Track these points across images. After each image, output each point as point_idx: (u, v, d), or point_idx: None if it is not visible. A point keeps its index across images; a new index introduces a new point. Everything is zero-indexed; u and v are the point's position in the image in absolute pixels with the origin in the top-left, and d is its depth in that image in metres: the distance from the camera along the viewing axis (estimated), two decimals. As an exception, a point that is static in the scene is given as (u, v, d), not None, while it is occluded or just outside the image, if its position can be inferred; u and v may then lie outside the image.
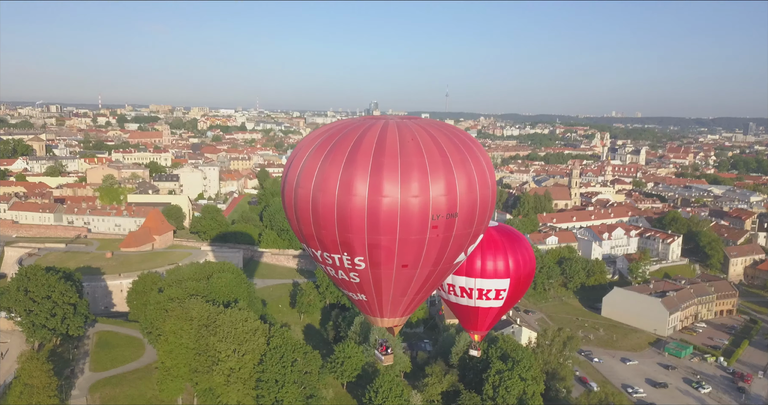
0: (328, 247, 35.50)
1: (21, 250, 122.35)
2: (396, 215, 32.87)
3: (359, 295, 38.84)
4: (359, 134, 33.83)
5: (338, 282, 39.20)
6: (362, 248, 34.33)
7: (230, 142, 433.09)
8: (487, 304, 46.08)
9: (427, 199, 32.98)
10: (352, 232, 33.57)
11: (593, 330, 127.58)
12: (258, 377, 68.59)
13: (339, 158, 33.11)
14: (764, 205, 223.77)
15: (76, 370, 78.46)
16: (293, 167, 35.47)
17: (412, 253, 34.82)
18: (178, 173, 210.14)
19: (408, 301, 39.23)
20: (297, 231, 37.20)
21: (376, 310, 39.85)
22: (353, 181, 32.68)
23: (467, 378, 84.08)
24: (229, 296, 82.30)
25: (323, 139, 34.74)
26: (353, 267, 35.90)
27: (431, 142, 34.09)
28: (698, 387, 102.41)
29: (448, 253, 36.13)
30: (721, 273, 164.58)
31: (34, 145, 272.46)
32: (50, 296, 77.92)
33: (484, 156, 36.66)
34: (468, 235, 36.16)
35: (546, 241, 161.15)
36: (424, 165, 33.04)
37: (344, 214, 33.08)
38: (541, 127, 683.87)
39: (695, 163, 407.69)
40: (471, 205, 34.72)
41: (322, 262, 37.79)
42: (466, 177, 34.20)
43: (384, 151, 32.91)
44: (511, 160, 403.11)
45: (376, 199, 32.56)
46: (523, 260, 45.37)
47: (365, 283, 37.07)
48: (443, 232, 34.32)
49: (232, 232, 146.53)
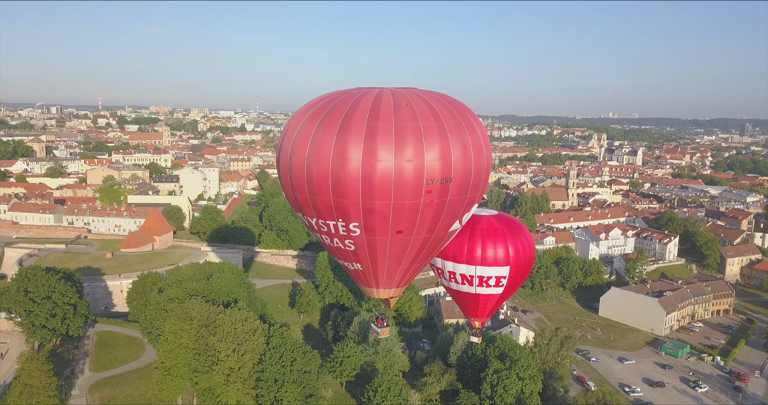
0: (323, 213, 35.13)
1: (21, 251, 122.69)
2: (390, 179, 32.63)
3: (355, 265, 38.49)
4: (353, 101, 33.73)
5: (334, 251, 38.72)
6: (357, 213, 34.04)
7: (230, 143, 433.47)
8: (488, 291, 46.67)
9: (422, 163, 32.74)
10: (347, 197, 33.30)
11: (590, 330, 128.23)
12: (257, 377, 69.00)
13: (333, 124, 32.97)
14: (760, 206, 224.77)
15: (76, 370, 78.80)
16: (287, 136, 35.30)
17: (407, 219, 34.45)
18: (178, 174, 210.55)
19: (403, 270, 38.87)
20: (292, 199, 36.87)
21: (371, 281, 39.57)
22: (347, 145, 32.45)
23: (465, 377, 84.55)
24: (229, 296, 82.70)
25: (317, 108, 34.59)
26: (348, 234, 35.54)
27: (426, 108, 33.92)
28: (695, 386, 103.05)
29: (443, 219, 35.75)
30: (717, 273, 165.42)
31: (35, 147, 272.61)
32: (50, 297, 78.25)
33: (479, 125, 36.33)
34: (462, 201, 35.82)
35: (543, 241, 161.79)
36: (419, 130, 32.81)
37: (339, 179, 32.85)
38: (539, 129, 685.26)
39: (692, 164, 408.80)
40: (465, 171, 34.45)
41: (317, 230, 37.37)
42: (460, 143, 33.95)
43: (378, 116, 32.74)
44: (508, 161, 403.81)
45: (371, 164, 32.37)
46: (522, 248, 46.02)
47: (360, 250, 36.66)
48: (437, 197, 34.06)
49: (231, 232, 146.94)
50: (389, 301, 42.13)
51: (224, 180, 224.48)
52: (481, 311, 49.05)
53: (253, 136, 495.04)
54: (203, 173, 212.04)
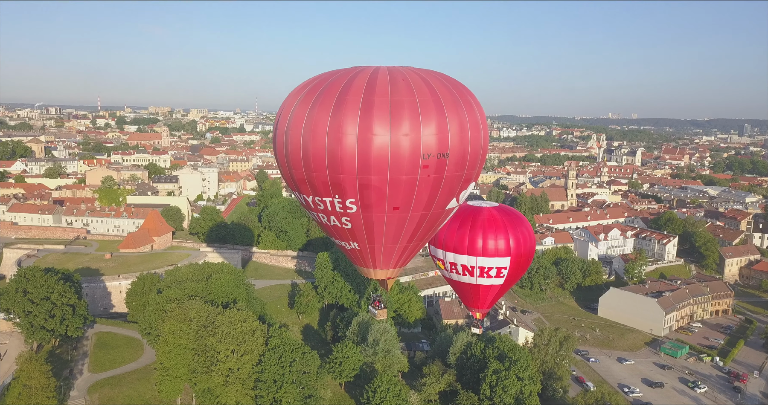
0: (319, 190, 34.81)
1: (20, 252, 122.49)
2: (386, 154, 32.33)
3: (352, 244, 38.19)
4: (349, 78, 33.62)
5: (330, 230, 38.40)
6: (353, 189, 33.72)
7: (229, 143, 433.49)
8: (489, 282, 46.85)
9: (418, 137, 32.48)
10: (343, 172, 33.04)
11: (590, 330, 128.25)
12: (256, 377, 68.96)
13: (329, 99, 32.83)
14: (759, 206, 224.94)
15: (75, 371, 78.65)
16: (283, 114, 35.07)
17: (403, 194, 34.13)
18: (177, 175, 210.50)
19: (400, 250, 38.59)
20: (288, 177, 36.59)
21: (368, 260, 39.28)
22: (343, 120, 32.19)
23: (465, 378, 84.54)
24: (228, 297, 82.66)
25: (313, 85, 34.51)
26: (345, 211, 35.25)
27: (423, 84, 33.73)
28: (694, 387, 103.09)
29: (440, 196, 35.42)
30: (716, 273, 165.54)
31: (33, 147, 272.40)
32: (49, 297, 78.10)
33: (477, 103, 36.15)
34: (459, 178, 35.52)
35: (543, 241, 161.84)
36: (415, 104, 32.56)
37: (335, 154, 32.60)
38: (538, 129, 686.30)
39: (691, 165, 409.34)
40: (462, 146, 34.18)
41: (313, 208, 37.05)
42: (457, 118, 33.69)
43: (374, 91, 32.57)
44: (507, 162, 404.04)
45: (367, 138, 32.13)
46: (523, 239, 46.27)
47: (357, 228, 36.34)
48: (434, 173, 33.76)
49: (230, 233, 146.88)
50: (386, 282, 41.78)
51: (223, 180, 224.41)
52: (482, 302, 49.25)
53: (252, 137, 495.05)
54: (202, 174, 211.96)
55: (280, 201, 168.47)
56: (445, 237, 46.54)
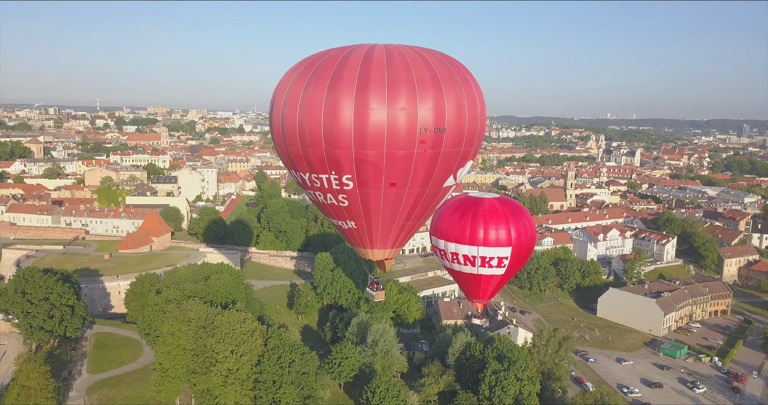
0: (315, 166, 34.50)
1: (19, 252, 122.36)
2: (383, 128, 32.02)
3: (349, 223, 37.84)
4: (346, 53, 33.51)
5: (327, 209, 38.02)
6: (350, 165, 33.46)
7: (228, 144, 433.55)
8: (490, 272, 47.13)
9: (415, 111, 32.18)
10: (340, 148, 32.73)
11: (589, 330, 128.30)
12: (256, 378, 68.92)
13: (325, 74, 32.65)
14: (758, 206, 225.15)
15: (74, 372, 78.58)
16: (279, 92, 34.91)
17: (400, 170, 33.82)
18: (176, 175, 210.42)
19: (398, 229, 38.30)
20: (285, 155, 36.30)
21: (366, 240, 38.98)
22: (339, 94, 31.98)
23: (464, 378, 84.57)
24: (227, 297, 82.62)
25: (309, 62, 34.49)
26: (341, 188, 34.93)
27: (419, 59, 33.63)
28: (693, 387, 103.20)
29: (437, 172, 35.10)
30: (715, 274, 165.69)
31: (32, 148, 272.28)
32: (48, 298, 78.05)
33: (474, 82, 36.05)
34: (456, 154, 35.21)
35: (542, 242, 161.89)
36: (411, 78, 32.35)
37: (331, 129, 32.30)
38: (537, 129, 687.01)
39: (689, 165, 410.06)
40: (459, 122, 33.89)
41: (310, 187, 36.75)
42: (454, 94, 33.49)
43: (371, 65, 32.37)
44: (506, 162, 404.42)
45: (363, 112, 31.84)
46: (524, 229, 46.62)
47: (354, 206, 35.99)
48: (431, 148, 33.45)
49: (230, 233, 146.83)
50: (384, 263, 41.57)
51: (222, 181, 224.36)
52: (483, 292, 49.48)
53: (251, 137, 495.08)
54: (201, 174, 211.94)
55: (279, 201, 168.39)
56: (447, 227, 46.93)
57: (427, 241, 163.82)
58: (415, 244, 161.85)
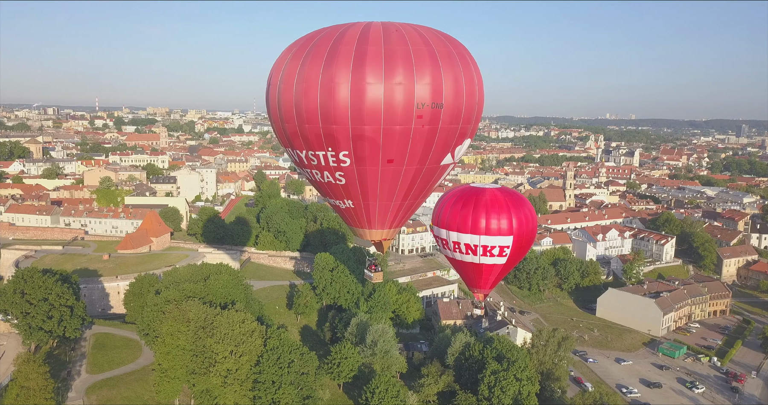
0: (312, 143, 34.21)
1: (18, 253, 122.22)
2: (380, 103, 31.74)
3: (346, 202, 37.57)
4: (342, 30, 33.43)
5: (324, 188, 37.74)
6: (346, 141, 33.15)
7: (227, 144, 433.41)
8: (492, 261, 47.52)
9: (412, 86, 31.97)
10: (336, 123, 32.49)
11: (588, 330, 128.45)
12: (255, 379, 68.95)
13: (322, 49, 32.53)
14: (757, 207, 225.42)
15: (73, 372, 78.56)
16: (276, 69, 34.76)
17: (397, 146, 33.55)
18: (175, 175, 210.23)
19: (396, 208, 38.05)
20: (281, 133, 36.07)
21: (363, 220, 38.75)
22: (336, 69, 31.79)
23: (463, 378, 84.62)
24: (226, 298, 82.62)
25: (305, 40, 34.40)
26: (338, 165, 34.63)
27: (416, 35, 33.51)
28: (692, 387, 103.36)
29: (434, 149, 34.81)
30: (714, 274, 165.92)
31: (31, 148, 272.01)
32: (47, 298, 77.98)
33: (472, 59, 35.81)
34: (454, 131, 34.89)
35: (541, 242, 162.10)
36: (409, 53, 32.20)
37: (327, 104, 32.08)
38: (536, 129, 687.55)
39: (688, 165, 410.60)
40: (457, 98, 33.71)
41: (307, 165, 36.46)
42: (451, 69, 33.32)
43: (367, 41, 32.23)
44: (506, 162, 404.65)
45: (359, 87, 31.62)
46: (525, 219, 47.11)
47: (351, 184, 35.73)
48: (428, 124, 33.17)
49: (229, 233, 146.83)
50: (382, 244, 41.38)
51: (221, 181, 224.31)
52: (484, 282, 49.77)
53: (251, 137, 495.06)
54: (200, 174, 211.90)
55: (278, 202, 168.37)
56: (449, 217, 47.41)
57: (426, 241, 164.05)
58: (414, 245, 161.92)
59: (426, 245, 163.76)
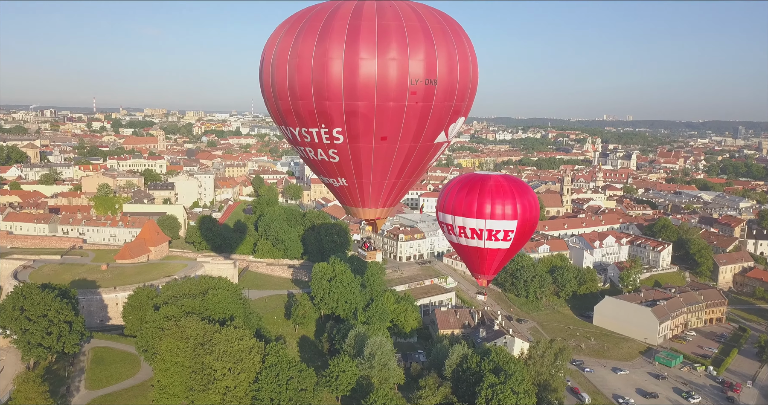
0: (305, 120, 34.27)
1: (16, 263, 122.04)
2: (373, 78, 31.76)
3: (340, 180, 37.70)
4: (336, 6, 33.52)
5: (318, 166, 37.85)
6: (340, 117, 33.19)
7: (225, 147, 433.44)
8: (496, 246, 49.10)
9: (405, 61, 31.97)
10: (330, 99, 32.51)
11: (585, 339, 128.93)
12: (254, 396, 69.35)
13: (315, 26, 32.56)
14: (753, 212, 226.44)
15: (72, 388, 78.76)
16: (269, 45, 34.88)
17: (391, 123, 33.55)
18: (173, 181, 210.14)
19: (389, 186, 38.23)
20: (275, 110, 36.12)
21: (357, 198, 38.91)
22: (329, 45, 31.87)
23: (460, 391, 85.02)
24: (225, 313, 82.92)
25: (298, 16, 34.51)
26: (332, 142, 34.66)
27: (410, 11, 33.64)
28: (688, 397, 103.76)
29: (428, 126, 34.83)
30: (710, 281, 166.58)
31: (29, 152, 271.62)
32: (46, 315, 78.14)
33: (466, 37, 36.00)
34: (448, 108, 34.95)
35: (538, 249, 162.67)
36: (402, 29, 32.25)
37: (321, 80, 32.13)
38: (534, 131, 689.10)
39: (685, 168, 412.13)
40: (451, 75, 33.75)
41: (300, 142, 36.51)
42: (445, 46, 33.42)
43: (361, 16, 32.28)
44: (503, 166, 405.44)
45: (353, 62, 31.60)
46: (529, 205, 48.96)
47: (344, 161, 35.80)
48: (422, 100, 33.17)
49: (227, 241, 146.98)
50: (375, 223, 41.49)
51: (219, 186, 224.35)
52: (488, 267, 51.20)
53: (249, 140, 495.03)
54: (198, 180, 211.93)
55: (276, 209, 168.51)
56: (454, 203, 49.15)
57: (424, 248, 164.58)
58: (412, 252, 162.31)
59: (424, 252, 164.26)
